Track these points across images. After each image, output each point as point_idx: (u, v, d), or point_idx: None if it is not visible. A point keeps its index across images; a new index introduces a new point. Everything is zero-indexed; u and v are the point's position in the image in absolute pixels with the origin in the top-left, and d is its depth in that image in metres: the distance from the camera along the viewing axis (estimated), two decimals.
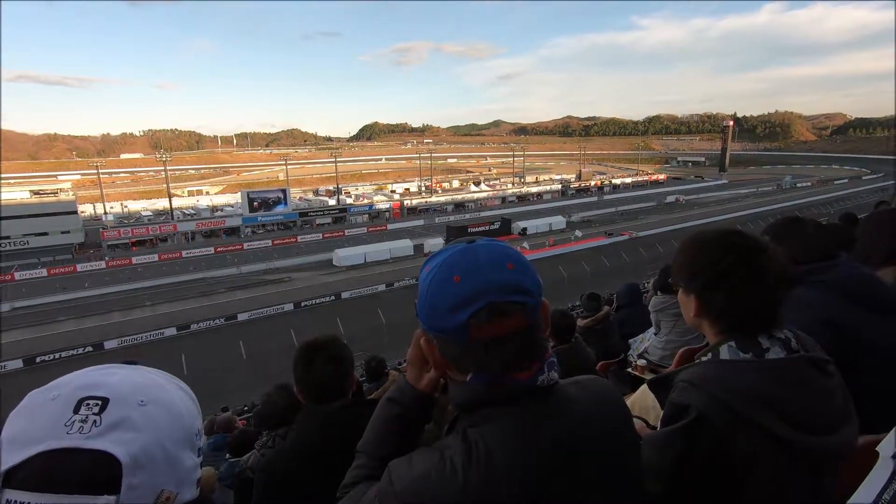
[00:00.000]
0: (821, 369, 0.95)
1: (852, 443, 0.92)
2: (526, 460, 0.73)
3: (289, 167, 64.81)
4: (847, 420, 0.93)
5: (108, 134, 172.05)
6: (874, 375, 1.19)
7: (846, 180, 76.86)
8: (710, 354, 1.02)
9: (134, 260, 38.16)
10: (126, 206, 62.33)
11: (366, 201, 59.97)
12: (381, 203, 58.18)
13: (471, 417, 0.78)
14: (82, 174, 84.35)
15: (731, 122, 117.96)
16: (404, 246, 38.62)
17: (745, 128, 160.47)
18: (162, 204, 58.52)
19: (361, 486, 0.85)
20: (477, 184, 77.15)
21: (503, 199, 64.34)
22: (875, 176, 78.89)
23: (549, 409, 0.78)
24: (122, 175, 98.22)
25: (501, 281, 0.75)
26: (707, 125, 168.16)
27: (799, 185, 72.46)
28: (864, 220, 1.98)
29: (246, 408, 12.65)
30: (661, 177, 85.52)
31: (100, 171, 53.64)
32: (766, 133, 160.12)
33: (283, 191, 50.93)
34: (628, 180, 78.93)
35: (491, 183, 78.79)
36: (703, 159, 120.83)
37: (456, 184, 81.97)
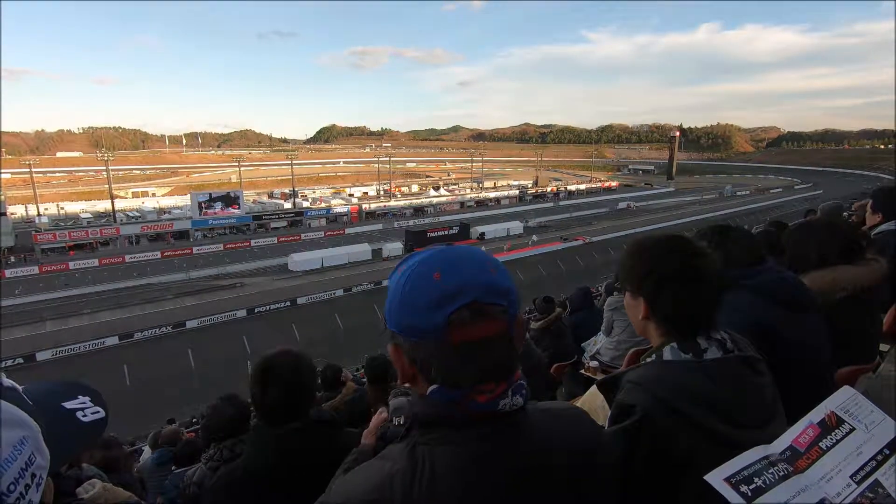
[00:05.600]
0: (753, 368, 1.02)
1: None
2: (473, 493, 0.69)
3: (242, 169, 62.76)
4: (775, 415, 0.98)
5: (43, 130, 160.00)
6: (796, 371, 1.28)
7: (780, 189, 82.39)
8: (653, 356, 1.07)
9: (71, 265, 35.78)
10: (63, 208, 58.44)
11: (323, 205, 58.80)
12: (339, 207, 57.22)
13: (425, 433, 0.73)
14: (13, 173, 78.52)
15: (678, 133, 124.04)
16: (362, 250, 38.19)
17: (691, 138, 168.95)
18: (103, 206, 55.18)
19: None
20: (436, 188, 77.31)
21: (462, 203, 64.70)
22: (805, 186, 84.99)
23: (509, 440, 0.72)
24: (58, 174, 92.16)
25: (485, 281, 0.72)
26: (656, 135, 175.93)
27: (738, 193, 76.94)
28: (792, 229, 2.12)
29: (194, 419, 12.09)
30: (614, 184, 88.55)
31: (33, 169, 50.01)
32: (710, 144, 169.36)
33: (237, 193, 49.24)
34: (582, 187, 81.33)
35: (450, 188, 79.19)
36: (652, 167, 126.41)
37: (415, 188, 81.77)
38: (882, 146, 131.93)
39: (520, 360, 0.76)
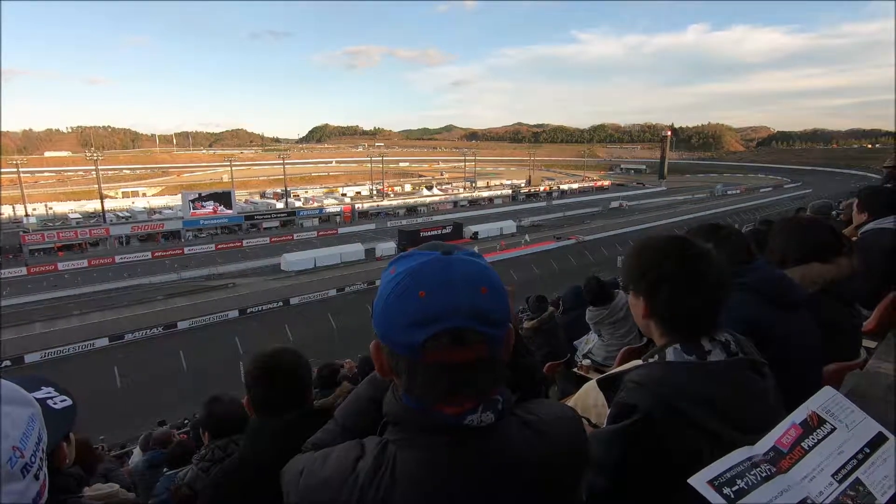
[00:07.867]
0: (757, 371, 1.02)
1: None
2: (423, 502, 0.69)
3: (234, 168, 62.30)
4: (777, 419, 0.98)
5: (31, 130, 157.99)
6: (788, 369, 1.29)
7: (770, 188, 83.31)
8: (656, 356, 1.07)
9: (60, 266, 35.35)
10: (51, 208, 57.59)
11: (316, 205, 58.47)
12: (332, 206, 56.98)
13: (396, 432, 0.74)
14: None
15: (669, 133, 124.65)
16: (355, 250, 38.09)
17: (682, 138, 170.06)
18: (92, 206, 54.55)
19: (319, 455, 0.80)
20: (429, 188, 77.31)
21: (455, 203, 64.68)
22: (795, 185, 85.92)
23: (474, 454, 0.71)
24: (46, 174, 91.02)
25: (470, 306, 0.68)
26: (647, 135, 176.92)
27: (729, 192, 77.59)
28: (776, 225, 2.15)
29: (186, 421, 11.99)
30: (606, 183, 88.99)
31: (20, 169, 49.43)
32: (701, 143, 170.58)
33: (228, 193, 48.85)
34: (575, 186, 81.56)
35: (443, 187, 79.15)
36: (644, 167, 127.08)
37: (408, 188, 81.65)
38: (870, 146, 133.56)
39: (502, 377, 0.75)
